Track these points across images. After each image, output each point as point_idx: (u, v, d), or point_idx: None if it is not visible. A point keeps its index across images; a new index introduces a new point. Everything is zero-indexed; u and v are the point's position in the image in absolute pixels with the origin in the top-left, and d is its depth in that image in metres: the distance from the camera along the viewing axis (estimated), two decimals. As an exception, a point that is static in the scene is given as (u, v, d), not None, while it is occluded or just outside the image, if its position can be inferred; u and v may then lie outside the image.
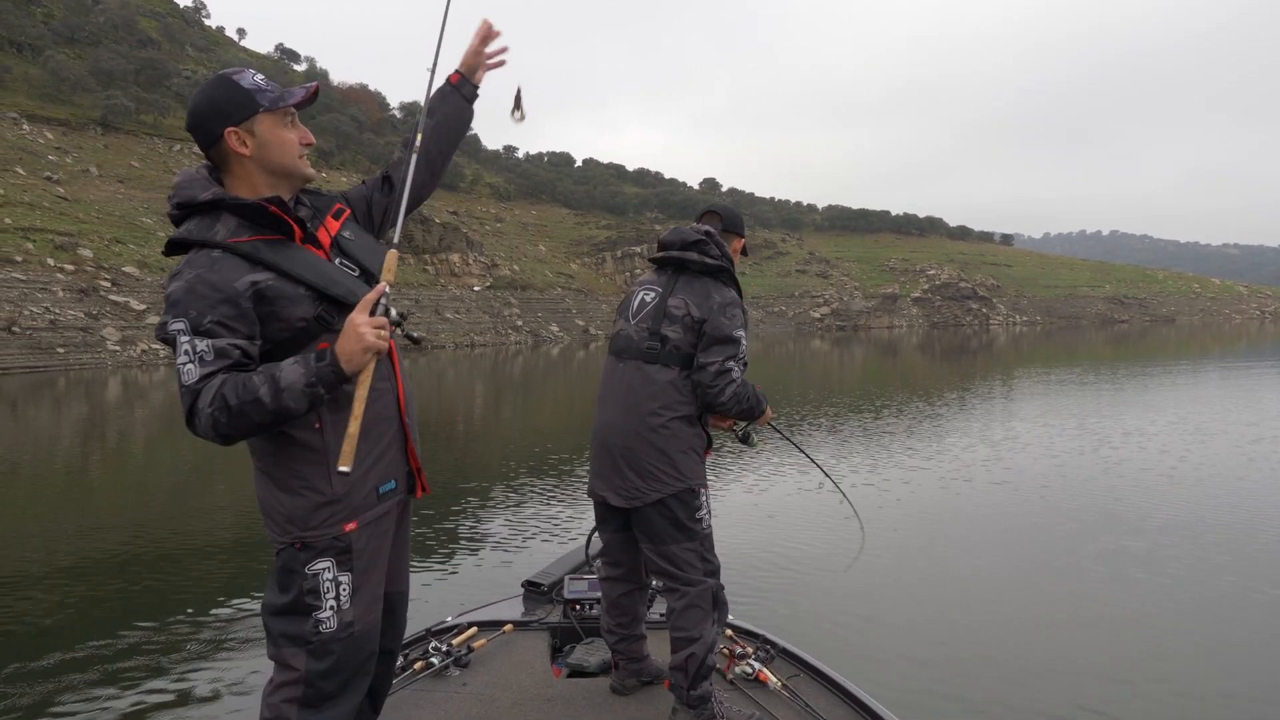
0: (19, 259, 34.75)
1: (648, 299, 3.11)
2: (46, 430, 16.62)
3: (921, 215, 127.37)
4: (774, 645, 3.55)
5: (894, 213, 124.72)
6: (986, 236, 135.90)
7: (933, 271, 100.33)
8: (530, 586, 4.20)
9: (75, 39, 63.76)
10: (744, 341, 2.98)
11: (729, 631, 3.68)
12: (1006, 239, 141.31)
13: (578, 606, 3.88)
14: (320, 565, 2.00)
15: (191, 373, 1.86)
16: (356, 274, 2.12)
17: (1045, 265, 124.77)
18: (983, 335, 69.85)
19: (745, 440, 3.35)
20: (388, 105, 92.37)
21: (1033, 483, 9.79)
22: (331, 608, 2.00)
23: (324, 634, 2.00)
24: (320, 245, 2.10)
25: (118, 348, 33.41)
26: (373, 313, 1.93)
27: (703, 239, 3.12)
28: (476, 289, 61.12)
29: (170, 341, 1.89)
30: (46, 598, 6.21)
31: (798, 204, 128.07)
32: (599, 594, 3.72)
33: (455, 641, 3.63)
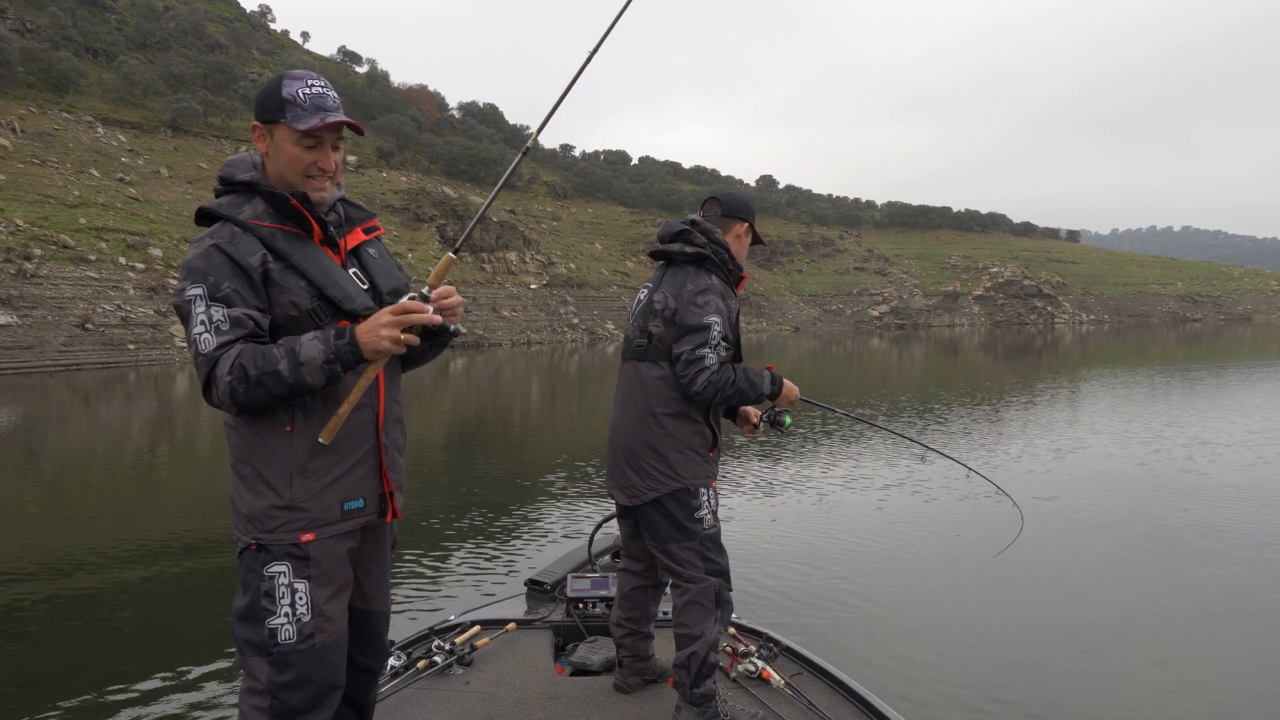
0: (93, 258, 35.87)
1: (642, 296, 3.14)
2: (117, 424, 17.07)
3: (984, 211, 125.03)
4: (777, 643, 3.54)
5: (955, 209, 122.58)
6: (1051, 233, 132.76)
7: (995, 269, 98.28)
8: (533, 585, 4.22)
9: (147, 44, 65.71)
10: (716, 327, 2.90)
11: (732, 630, 3.68)
12: (1072, 235, 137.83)
13: (581, 605, 3.88)
14: (277, 569, 1.97)
15: (208, 341, 1.90)
16: (366, 287, 2.13)
17: (1113, 262, 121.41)
18: (1047, 334, 68.23)
19: (775, 424, 3.26)
20: (446, 105, 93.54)
21: (1032, 475, 9.42)
22: (287, 615, 1.96)
23: (283, 645, 1.96)
24: (338, 250, 2.14)
25: (185, 344, 34.22)
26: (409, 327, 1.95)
27: (686, 228, 3.08)
28: (533, 287, 61.52)
29: (185, 308, 1.93)
30: (118, 578, 6.31)
31: (856, 200, 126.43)
32: (602, 593, 3.86)
33: (459, 640, 3.63)
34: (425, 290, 2.02)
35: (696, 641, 2.91)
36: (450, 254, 2.11)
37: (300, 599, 1.98)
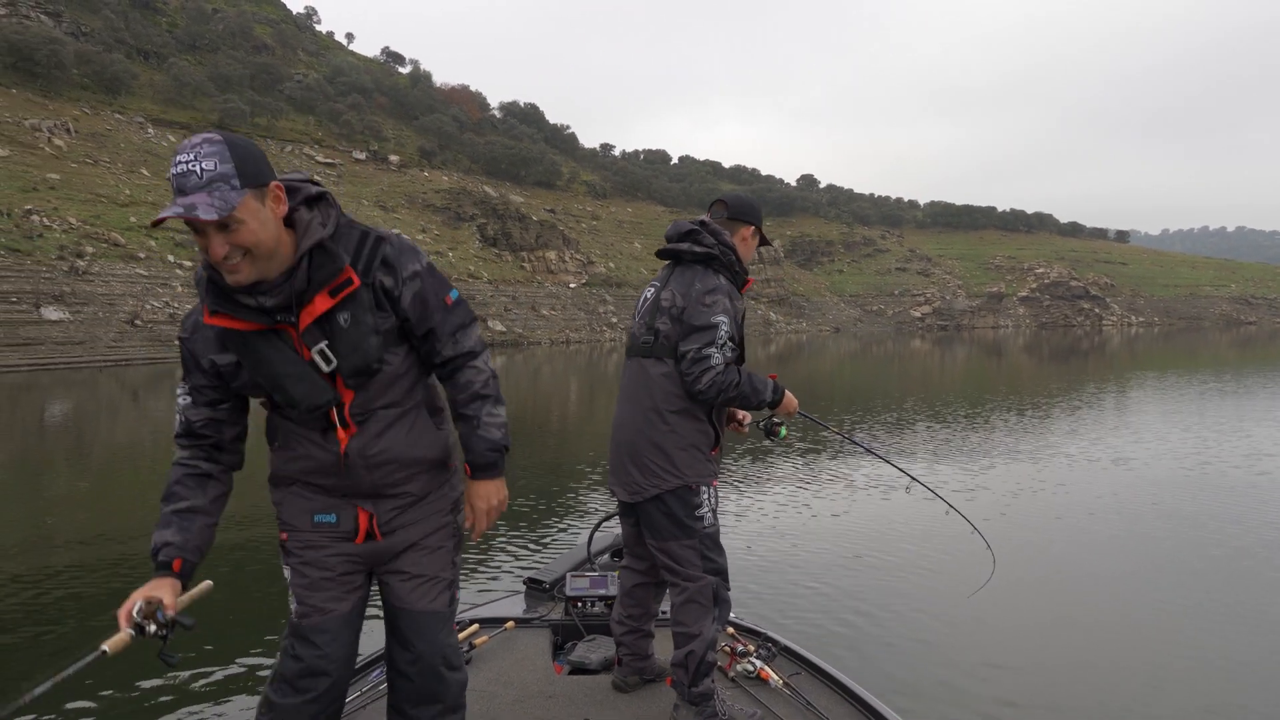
0: (142, 256, 36.60)
1: (649, 294, 3.14)
2: (165, 419, 17.35)
3: (1029, 211, 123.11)
4: (775, 643, 3.53)
5: (1000, 209, 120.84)
6: (1099, 233, 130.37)
7: (1041, 270, 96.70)
8: (532, 584, 4.21)
9: (196, 46, 66.99)
10: (724, 327, 2.90)
11: (730, 629, 3.67)
12: (1121, 235, 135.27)
13: (579, 604, 3.88)
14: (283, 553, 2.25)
15: (178, 405, 2.16)
16: (329, 367, 2.03)
17: (1163, 263, 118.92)
18: (1095, 336, 66.95)
19: (769, 433, 3.26)
20: (488, 105, 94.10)
21: (1058, 470, 9.14)
22: (291, 593, 2.20)
23: (292, 616, 2.19)
24: (297, 325, 2.00)
25: (231, 341, 34.85)
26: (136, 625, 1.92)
27: (695, 229, 3.09)
28: (572, 286, 61.69)
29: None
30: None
31: (898, 200, 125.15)
32: (601, 591, 3.87)
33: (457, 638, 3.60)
34: (167, 615, 1.97)
35: (694, 640, 2.91)
36: (209, 583, 2.19)
37: (288, 581, 2.22)
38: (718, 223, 3.16)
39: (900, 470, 4.28)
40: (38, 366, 27.74)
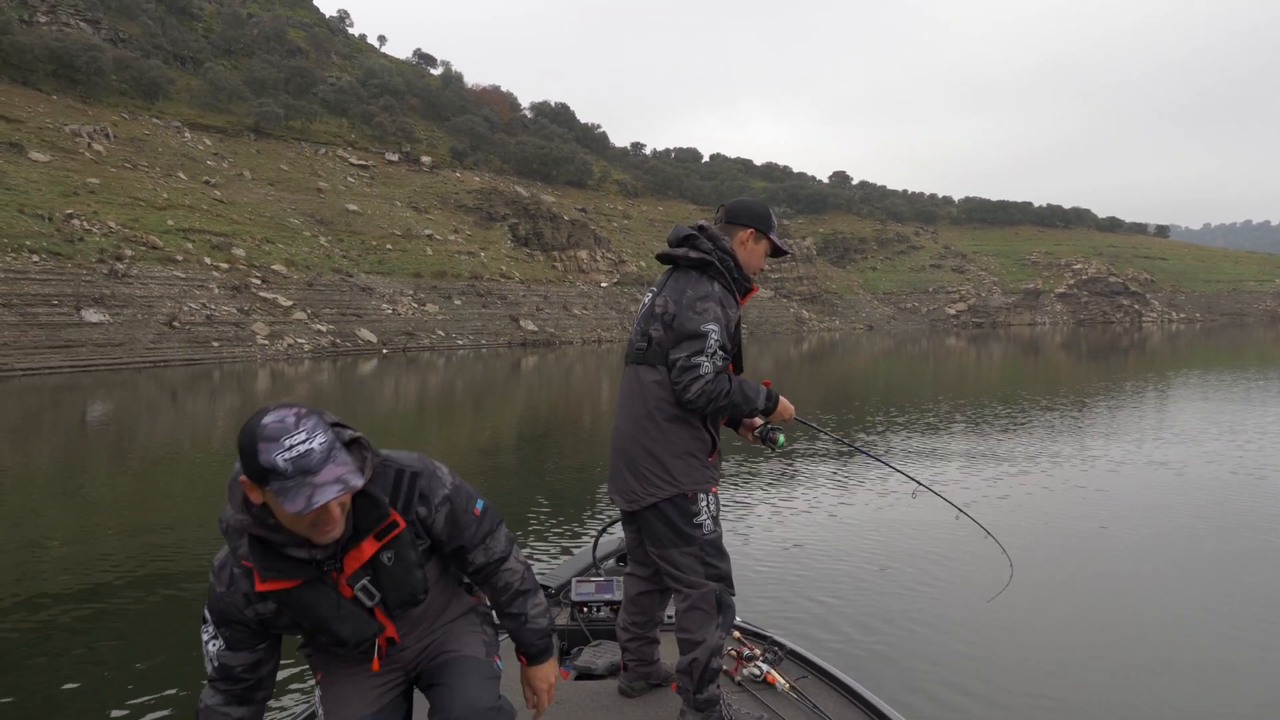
0: (179, 258, 37.09)
1: (647, 300, 3.11)
2: (203, 419, 17.53)
3: (1066, 206, 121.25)
4: (782, 647, 3.52)
5: (1036, 204, 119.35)
6: (1139, 228, 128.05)
7: (1079, 265, 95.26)
8: None
9: (231, 50, 67.87)
10: (714, 335, 2.85)
11: (736, 633, 3.63)
12: (1161, 230, 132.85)
13: (585, 609, 3.86)
14: None
15: (208, 662, 2.06)
16: (372, 601, 2.07)
17: (1205, 258, 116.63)
18: (1134, 333, 65.80)
19: (765, 440, 3.19)
20: (519, 105, 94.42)
21: (1083, 473, 8.86)
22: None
23: None
24: (341, 569, 2.03)
25: (266, 342, 35.20)
26: None
27: (693, 234, 3.05)
28: (604, 285, 61.70)
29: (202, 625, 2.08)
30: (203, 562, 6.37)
31: (932, 196, 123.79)
32: (607, 596, 3.86)
33: None
34: None
35: (698, 647, 2.90)
36: None
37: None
38: (719, 227, 3.11)
39: (906, 475, 4.19)
40: (79, 368, 28.19)
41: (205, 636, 2.04)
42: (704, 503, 2.95)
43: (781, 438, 3.19)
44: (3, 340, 27.59)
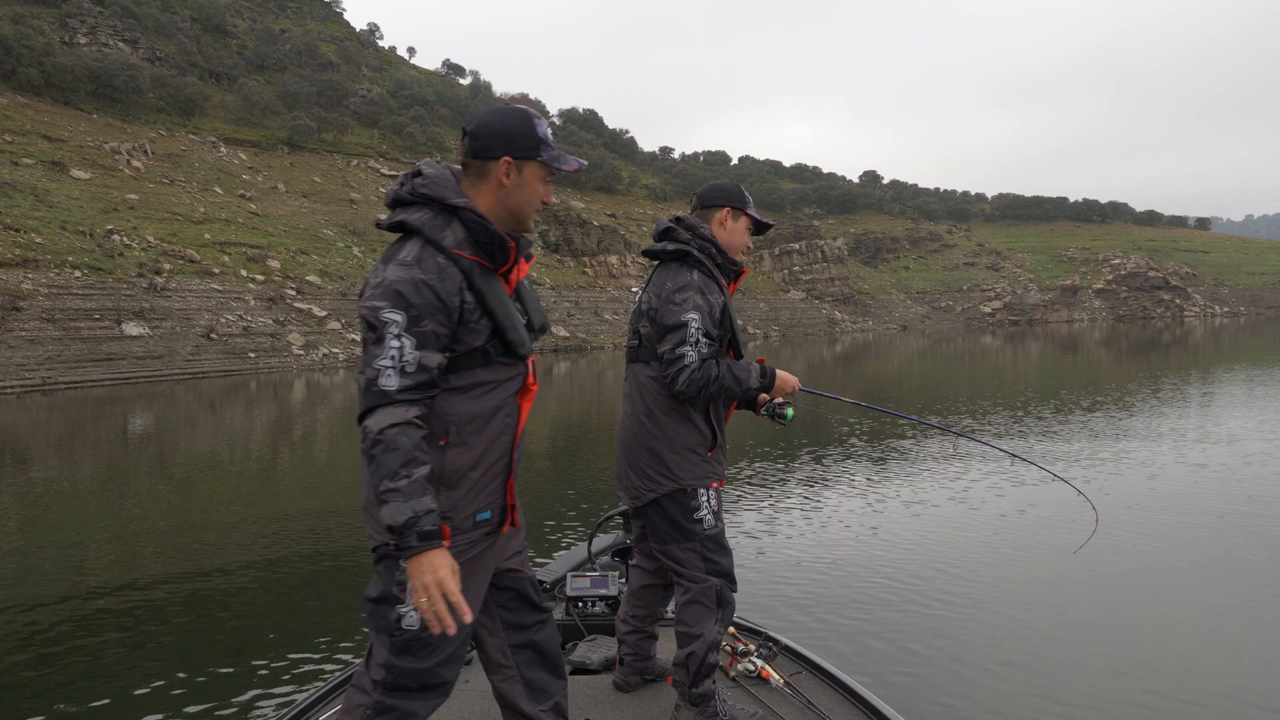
0: (217, 271, 37.68)
1: (639, 298, 3.14)
2: (241, 429, 17.76)
3: (1103, 200, 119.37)
4: (777, 642, 3.53)
5: (1072, 199, 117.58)
6: (1179, 221, 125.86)
7: (1117, 260, 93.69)
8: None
9: (264, 66, 68.91)
10: (694, 324, 2.86)
11: (731, 629, 3.62)
12: (1202, 223, 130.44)
13: (580, 604, 3.88)
14: None
15: (390, 380, 1.94)
16: (523, 318, 2.21)
17: (1248, 250, 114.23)
18: (1176, 328, 64.58)
19: (777, 417, 3.14)
20: (548, 113, 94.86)
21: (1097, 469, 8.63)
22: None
23: (406, 631, 2.08)
24: (509, 282, 2.18)
25: (301, 352, 35.63)
26: None
27: (671, 226, 3.09)
28: (634, 290, 61.66)
29: (378, 329, 1.94)
30: (248, 585, 6.43)
31: (964, 193, 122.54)
32: (602, 591, 3.89)
33: None
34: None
35: (696, 641, 2.91)
36: None
37: None
38: (695, 215, 3.13)
39: (931, 425, 4.23)
40: (120, 380, 28.72)
41: (394, 345, 1.94)
42: (704, 498, 2.94)
43: (790, 411, 3.14)
44: (47, 355, 28.19)
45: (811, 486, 9.45)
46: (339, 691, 3.23)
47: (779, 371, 3.02)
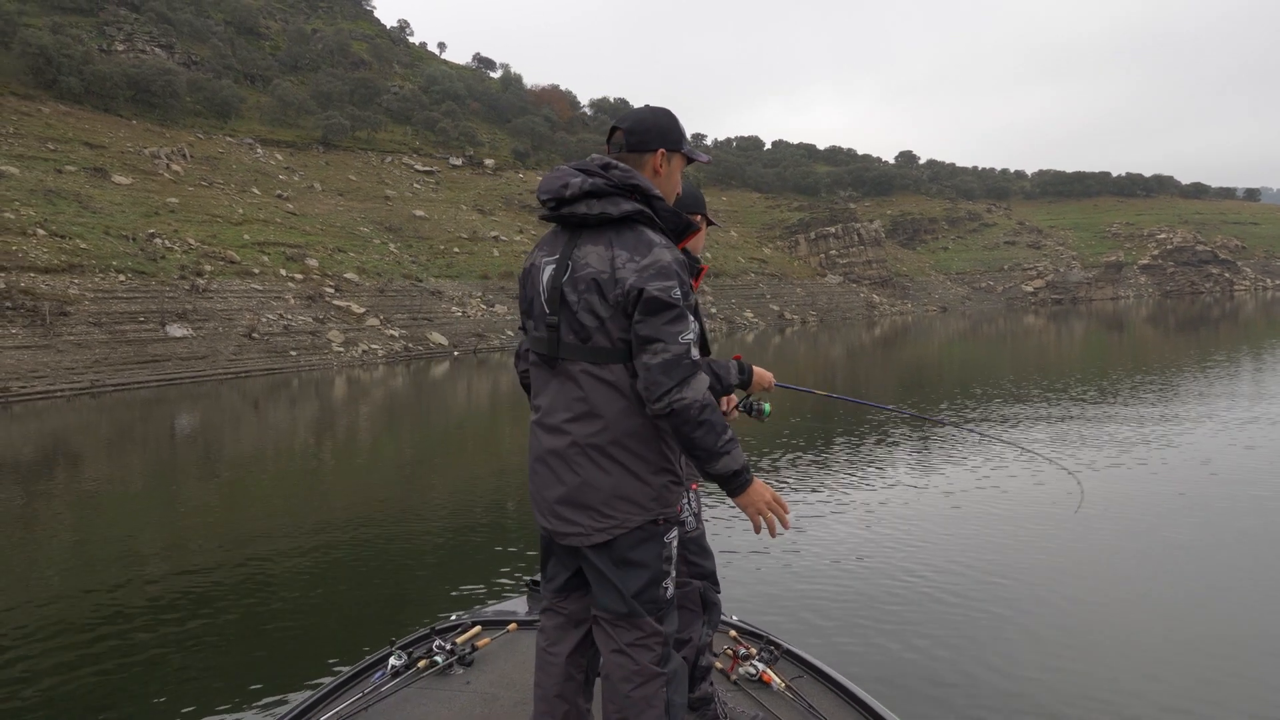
0: (256, 271, 38.17)
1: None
2: (284, 427, 17.97)
3: (1147, 174, 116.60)
4: (778, 646, 3.55)
5: (1114, 173, 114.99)
6: (1227, 192, 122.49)
7: (1163, 235, 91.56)
8: (535, 585, 4.22)
9: (298, 66, 69.55)
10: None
11: (733, 632, 3.68)
12: (1251, 194, 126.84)
13: None
14: (671, 536, 2.35)
15: (696, 351, 2.17)
16: None
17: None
18: (1225, 303, 63.03)
19: (754, 412, 3.20)
20: (578, 104, 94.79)
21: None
22: (670, 575, 2.34)
23: (670, 599, 2.32)
24: None
25: (341, 349, 35.99)
26: None
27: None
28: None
29: (674, 306, 2.12)
30: (296, 576, 6.49)
31: (1003, 171, 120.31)
32: None
33: (459, 640, 3.67)
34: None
35: (685, 646, 2.90)
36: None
37: (675, 557, 2.38)
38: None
39: (910, 414, 4.17)
40: (165, 382, 29.21)
41: (692, 320, 2.19)
42: (684, 500, 2.88)
43: (768, 407, 3.18)
44: (95, 358, 28.74)
45: (812, 486, 9.33)
46: (341, 691, 3.27)
47: (755, 368, 3.03)
